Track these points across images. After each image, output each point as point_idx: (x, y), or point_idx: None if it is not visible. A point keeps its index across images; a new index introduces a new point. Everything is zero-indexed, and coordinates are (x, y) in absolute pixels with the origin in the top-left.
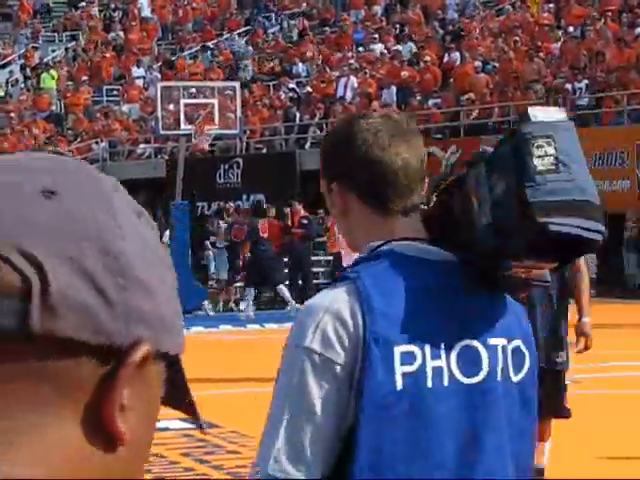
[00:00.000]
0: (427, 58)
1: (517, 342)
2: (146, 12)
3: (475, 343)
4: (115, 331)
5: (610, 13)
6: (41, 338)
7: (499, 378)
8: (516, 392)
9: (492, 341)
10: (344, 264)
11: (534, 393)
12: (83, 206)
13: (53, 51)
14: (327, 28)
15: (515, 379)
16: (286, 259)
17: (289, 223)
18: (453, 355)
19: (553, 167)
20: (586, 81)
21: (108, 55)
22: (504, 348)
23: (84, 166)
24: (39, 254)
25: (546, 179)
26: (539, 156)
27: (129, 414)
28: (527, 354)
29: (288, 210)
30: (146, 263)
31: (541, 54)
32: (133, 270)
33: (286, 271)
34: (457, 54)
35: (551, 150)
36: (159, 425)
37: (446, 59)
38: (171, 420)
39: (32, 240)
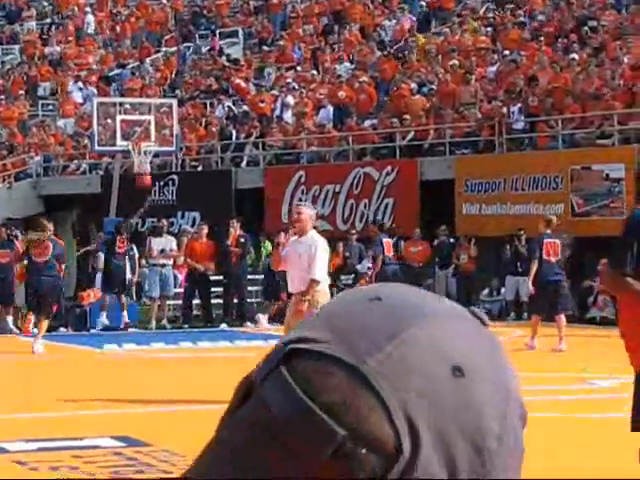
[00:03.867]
0: (363, 79)
1: None
2: (91, 29)
3: None
4: None
5: (544, 38)
6: None
7: None
8: None
9: None
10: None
11: None
12: (485, 392)
13: None
14: (265, 47)
15: None
16: (221, 277)
17: (228, 242)
18: None
19: None
20: (521, 105)
21: (45, 69)
22: None
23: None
24: (421, 425)
25: None
26: None
27: None
28: None
29: (231, 229)
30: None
31: (476, 77)
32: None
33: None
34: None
35: None
36: (89, 443)
37: (382, 80)
38: (102, 438)
39: (420, 406)
